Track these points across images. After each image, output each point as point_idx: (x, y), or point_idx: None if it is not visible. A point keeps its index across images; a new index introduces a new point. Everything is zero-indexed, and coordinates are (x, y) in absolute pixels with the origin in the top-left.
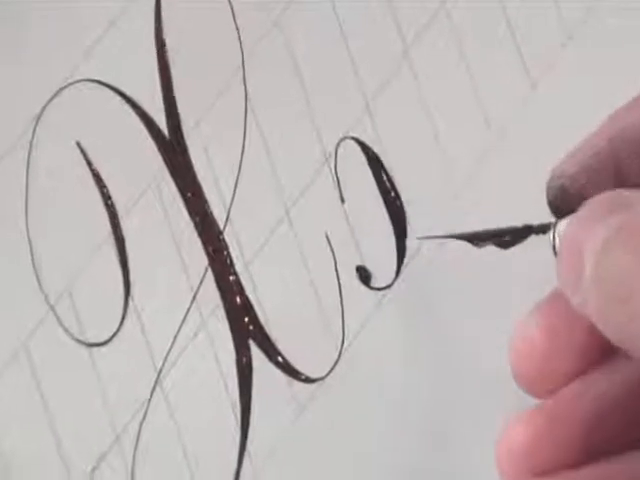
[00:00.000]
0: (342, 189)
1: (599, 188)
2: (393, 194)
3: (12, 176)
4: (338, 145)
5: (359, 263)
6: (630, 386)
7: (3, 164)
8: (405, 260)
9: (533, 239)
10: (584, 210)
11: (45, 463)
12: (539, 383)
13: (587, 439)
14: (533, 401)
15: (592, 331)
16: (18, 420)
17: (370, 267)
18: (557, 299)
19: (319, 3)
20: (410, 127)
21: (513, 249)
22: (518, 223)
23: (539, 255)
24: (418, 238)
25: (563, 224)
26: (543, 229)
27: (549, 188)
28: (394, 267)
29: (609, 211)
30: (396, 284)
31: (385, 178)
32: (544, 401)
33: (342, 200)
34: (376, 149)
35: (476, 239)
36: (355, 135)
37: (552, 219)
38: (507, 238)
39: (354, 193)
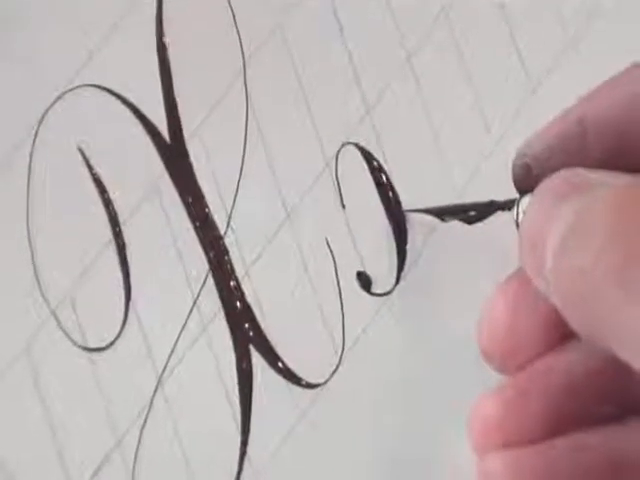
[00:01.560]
0: (343, 195)
1: (563, 168)
2: (393, 200)
3: (13, 181)
4: (339, 151)
5: (359, 269)
6: (599, 359)
7: (4, 169)
8: (405, 266)
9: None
10: (543, 189)
11: (46, 468)
12: (507, 359)
13: (557, 412)
14: None
15: (556, 309)
16: (19, 425)
17: (370, 273)
18: (520, 276)
19: (320, 8)
20: (411, 133)
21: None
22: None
23: None
24: (405, 210)
25: (526, 201)
26: (507, 205)
27: (514, 166)
28: (394, 273)
29: (566, 193)
30: (396, 290)
31: (386, 184)
32: (513, 376)
33: (343, 206)
34: (377, 155)
35: (444, 214)
36: (356, 141)
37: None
38: (473, 213)
39: (355, 199)
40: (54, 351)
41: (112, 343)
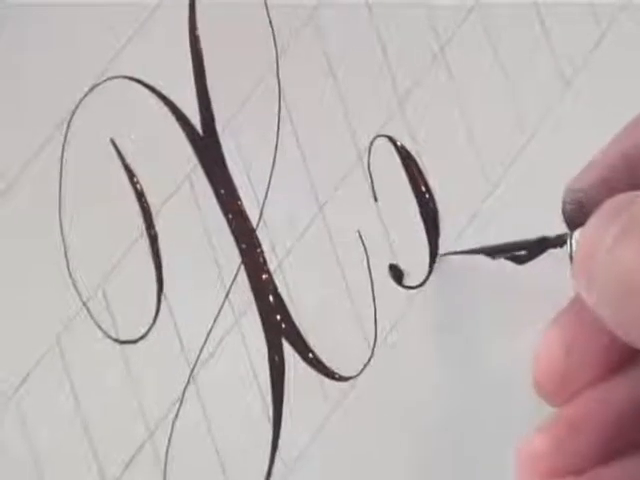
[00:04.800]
0: (375, 187)
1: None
2: (426, 192)
3: (46, 173)
4: (372, 143)
5: (392, 261)
6: None
7: (37, 161)
8: (437, 259)
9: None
10: (596, 214)
11: (77, 460)
12: (559, 393)
13: (607, 445)
14: None
15: (610, 338)
16: (50, 417)
17: (402, 265)
18: (575, 307)
19: (353, 0)
20: (443, 125)
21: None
22: (548, 224)
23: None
24: (440, 255)
25: (578, 234)
26: (559, 241)
27: (565, 203)
28: (426, 265)
29: (619, 211)
30: (428, 282)
31: (418, 176)
32: (564, 409)
33: (375, 198)
34: (409, 147)
35: (494, 253)
36: (389, 133)
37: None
38: (524, 252)
39: (387, 191)
40: (86, 343)
41: (144, 335)
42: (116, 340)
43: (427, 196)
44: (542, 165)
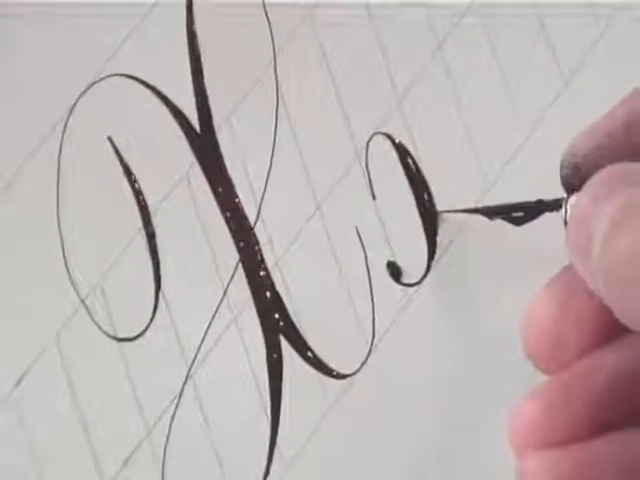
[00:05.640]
0: (373, 185)
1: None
2: (424, 190)
3: (44, 170)
4: (369, 141)
5: (390, 259)
6: None
7: (35, 158)
8: (436, 256)
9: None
10: (592, 183)
11: (76, 457)
12: (551, 359)
13: (600, 412)
14: None
15: (604, 305)
16: (48, 415)
17: (401, 263)
18: (568, 275)
19: None
20: (441, 123)
21: (544, 239)
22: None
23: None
24: (439, 212)
25: (574, 200)
26: (556, 205)
27: (562, 166)
28: (425, 263)
29: (616, 186)
30: (426, 280)
31: (416, 174)
32: (557, 375)
33: (373, 196)
34: (407, 145)
35: (491, 213)
36: (386, 131)
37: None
38: (520, 214)
39: (385, 189)
40: (84, 341)
41: (142, 333)
42: (114, 338)
43: (425, 194)
44: (539, 163)
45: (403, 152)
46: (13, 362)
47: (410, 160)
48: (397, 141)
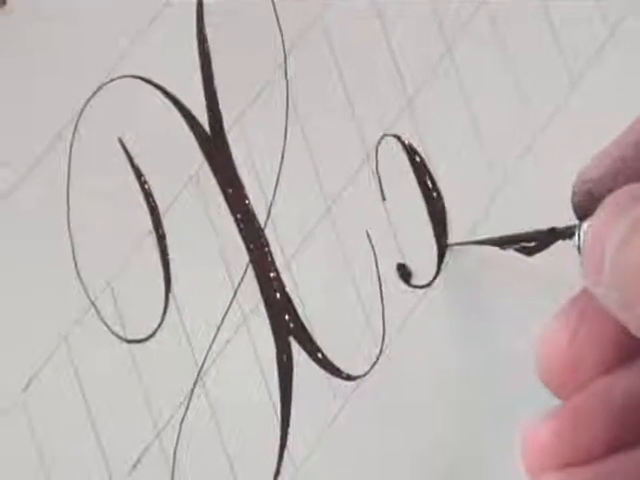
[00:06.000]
0: (383, 186)
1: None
2: (434, 192)
3: (54, 172)
4: (379, 142)
5: (399, 261)
6: None
7: (45, 160)
8: (445, 258)
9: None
10: (604, 206)
11: (85, 459)
12: (566, 382)
13: (615, 432)
14: None
15: (616, 328)
16: (59, 417)
17: (410, 265)
18: (582, 299)
19: None
20: (451, 124)
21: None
22: (557, 222)
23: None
24: (448, 245)
25: (587, 226)
26: (568, 232)
27: (574, 193)
28: (434, 265)
29: (627, 205)
30: (436, 282)
31: (426, 175)
32: (571, 397)
33: (383, 197)
34: (417, 146)
35: (502, 243)
36: (396, 132)
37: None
38: (533, 244)
39: (395, 190)
40: (93, 342)
41: (152, 334)
42: (124, 339)
43: (435, 195)
44: (550, 164)
45: (413, 154)
46: (22, 364)
47: (420, 162)
48: (407, 143)
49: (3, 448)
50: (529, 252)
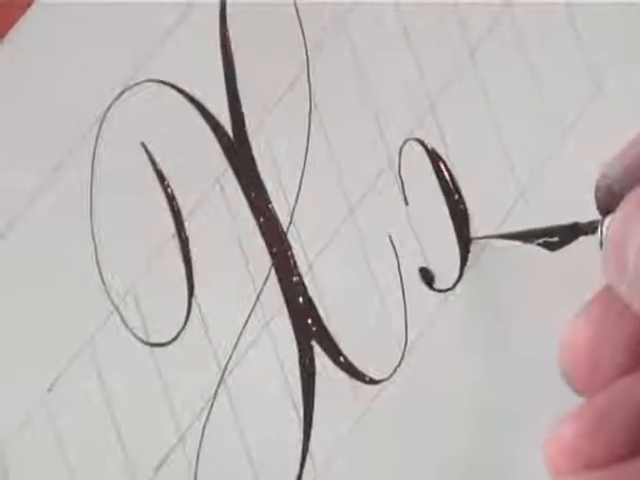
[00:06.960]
0: (406, 190)
1: None
2: (456, 196)
3: (76, 176)
4: (402, 146)
5: (422, 264)
6: None
7: (67, 164)
8: (468, 262)
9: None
10: (626, 202)
11: (108, 462)
12: (588, 381)
13: (633, 436)
14: None
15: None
16: (82, 421)
17: (433, 269)
18: (604, 297)
19: (383, 2)
20: (474, 128)
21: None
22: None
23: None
24: (472, 239)
25: (609, 221)
26: (591, 228)
27: (597, 189)
28: (457, 269)
29: None
30: (459, 286)
31: (449, 179)
32: (594, 397)
33: (406, 202)
34: (440, 151)
35: (525, 238)
36: (419, 136)
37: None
38: (555, 239)
39: (418, 194)
40: (117, 346)
41: (175, 338)
42: (147, 343)
43: (457, 199)
44: (573, 167)
45: (436, 158)
46: (46, 367)
47: (443, 166)
48: (430, 147)
49: (27, 451)
50: (552, 247)
